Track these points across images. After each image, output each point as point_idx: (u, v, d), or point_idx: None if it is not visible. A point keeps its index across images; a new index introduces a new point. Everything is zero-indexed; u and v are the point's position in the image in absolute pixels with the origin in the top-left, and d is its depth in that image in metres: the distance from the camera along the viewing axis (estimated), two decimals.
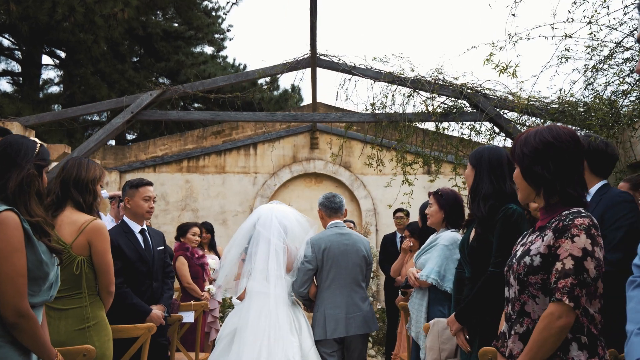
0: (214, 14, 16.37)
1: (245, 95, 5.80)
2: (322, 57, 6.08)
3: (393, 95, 6.19)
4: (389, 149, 6.80)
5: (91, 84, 12.86)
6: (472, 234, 2.69)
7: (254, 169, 9.09)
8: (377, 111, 6.12)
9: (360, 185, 8.92)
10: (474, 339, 2.55)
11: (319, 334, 3.56)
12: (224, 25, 16.90)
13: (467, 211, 3.01)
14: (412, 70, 6.14)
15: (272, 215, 3.72)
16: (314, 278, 3.75)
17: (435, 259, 3.43)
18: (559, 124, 2.36)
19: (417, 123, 6.13)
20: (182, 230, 5.65)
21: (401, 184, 6.48)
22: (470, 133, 6.24)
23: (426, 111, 6.10)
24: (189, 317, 4.63)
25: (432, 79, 6.06)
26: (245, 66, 17.17)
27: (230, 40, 17.31)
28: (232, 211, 8.98)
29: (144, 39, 14.95)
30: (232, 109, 13.85)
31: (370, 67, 6.12)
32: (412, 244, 5.42)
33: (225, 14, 17.13)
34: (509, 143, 6.34)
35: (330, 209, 3.88)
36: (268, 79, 6.03)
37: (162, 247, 3.84)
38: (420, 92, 6.10)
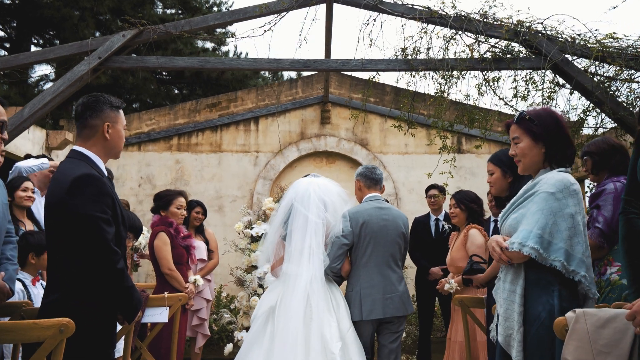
0: (215, 8, 15.53)
1: (241, 38, 4.56)
2: None
3: (430, 39, 4.92)
4: (414, 127, 5.45)
5: None
6: None
7: (255, 147, 7.80)
8: (409, 57, 4.83)
9: (380, 165, 7.61)
10: None
11: (354, 314, 3.26)
12: None
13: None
14: (454, 7, 4.87)
15: (311, 190, 3.41)
16: (349, 255, 3.44)
17: (534, 216, 2.13)
18: None
19: (460, 72, 4.83)
20: (165, 200, 4.32)
21: (439, 153, 5.18)
22: (527, 86, 4.94)
23: (471, 57, 4.82)
24: (161, 315, 3.35)
25: (480, 15, 4.78)
26: (247, 55, 16.40)
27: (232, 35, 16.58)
28: (230, 196, 7.69)
29: None
30: (224, 88, 12.62)
31: (400, 1, 4.85)
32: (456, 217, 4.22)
33: (228, 9, 16.35)
34: (575, 98, 5.05)
35: (370, 179, 3.63)
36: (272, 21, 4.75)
37: None
38: (464, 33, 4.82)
